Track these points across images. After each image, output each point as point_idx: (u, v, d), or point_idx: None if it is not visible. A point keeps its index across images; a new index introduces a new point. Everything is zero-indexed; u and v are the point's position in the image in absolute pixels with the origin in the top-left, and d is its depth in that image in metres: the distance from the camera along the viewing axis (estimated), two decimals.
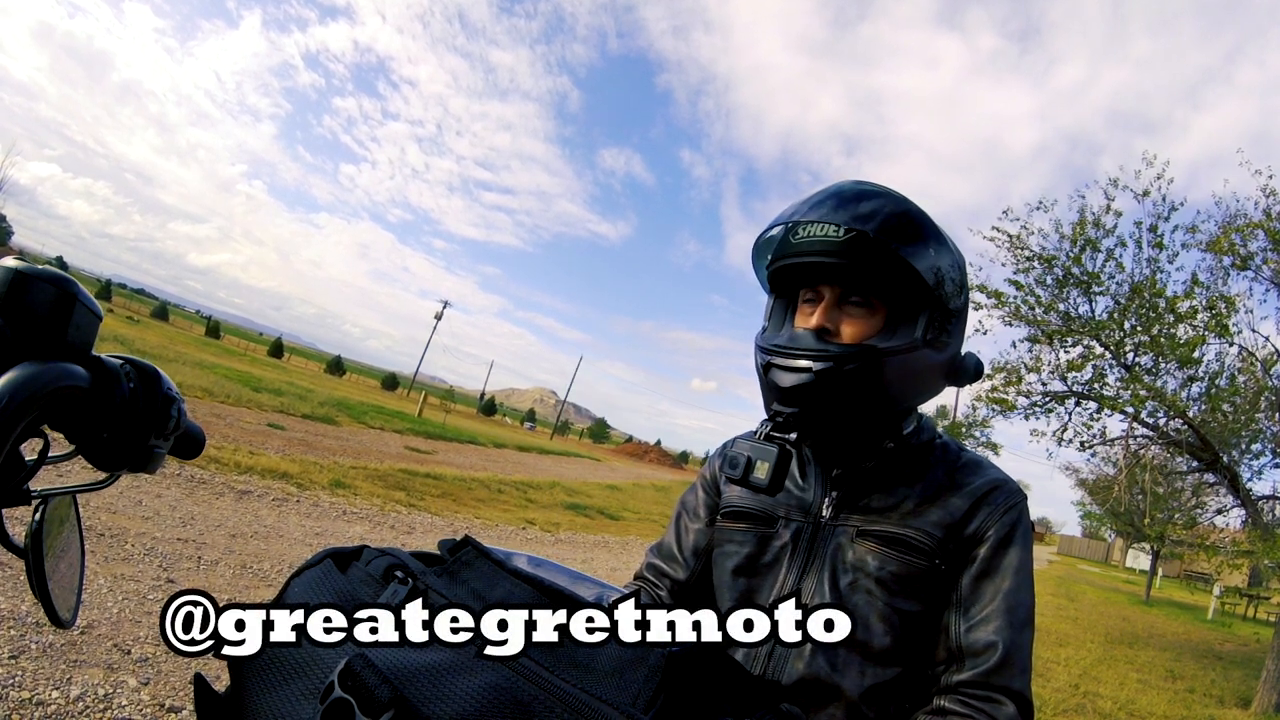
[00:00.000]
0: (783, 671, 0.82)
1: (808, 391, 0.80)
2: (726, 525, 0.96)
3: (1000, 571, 0.82)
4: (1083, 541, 59.05)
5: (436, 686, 0.40)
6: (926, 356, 0.83)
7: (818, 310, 0.85)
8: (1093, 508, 18.71)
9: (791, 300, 0.93)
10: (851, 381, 0.80)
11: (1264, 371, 7.78)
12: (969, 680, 0.78)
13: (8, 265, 0.42)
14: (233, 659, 0.48)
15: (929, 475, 0.88)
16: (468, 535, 0.56)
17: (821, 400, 0.80)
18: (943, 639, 0.81)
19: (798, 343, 0.83)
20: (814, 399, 0.80)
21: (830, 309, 0.84)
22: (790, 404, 0.81)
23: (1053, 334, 7.90)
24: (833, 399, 0.80)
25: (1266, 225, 7.11)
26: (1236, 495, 8.16)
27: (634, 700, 0.41)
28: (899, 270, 0.80)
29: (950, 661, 0.80)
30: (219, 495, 5.80)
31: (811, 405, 0.80)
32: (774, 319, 0.95)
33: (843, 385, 0.80)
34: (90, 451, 0.49)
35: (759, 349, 0.87)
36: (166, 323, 54.30)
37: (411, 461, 11.51)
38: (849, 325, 0.84)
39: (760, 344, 0.87)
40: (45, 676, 2.47)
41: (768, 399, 0.86)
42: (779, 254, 0.88)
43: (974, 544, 0.83)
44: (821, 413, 0.81)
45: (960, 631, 0.80)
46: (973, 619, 0.80)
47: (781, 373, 0.82)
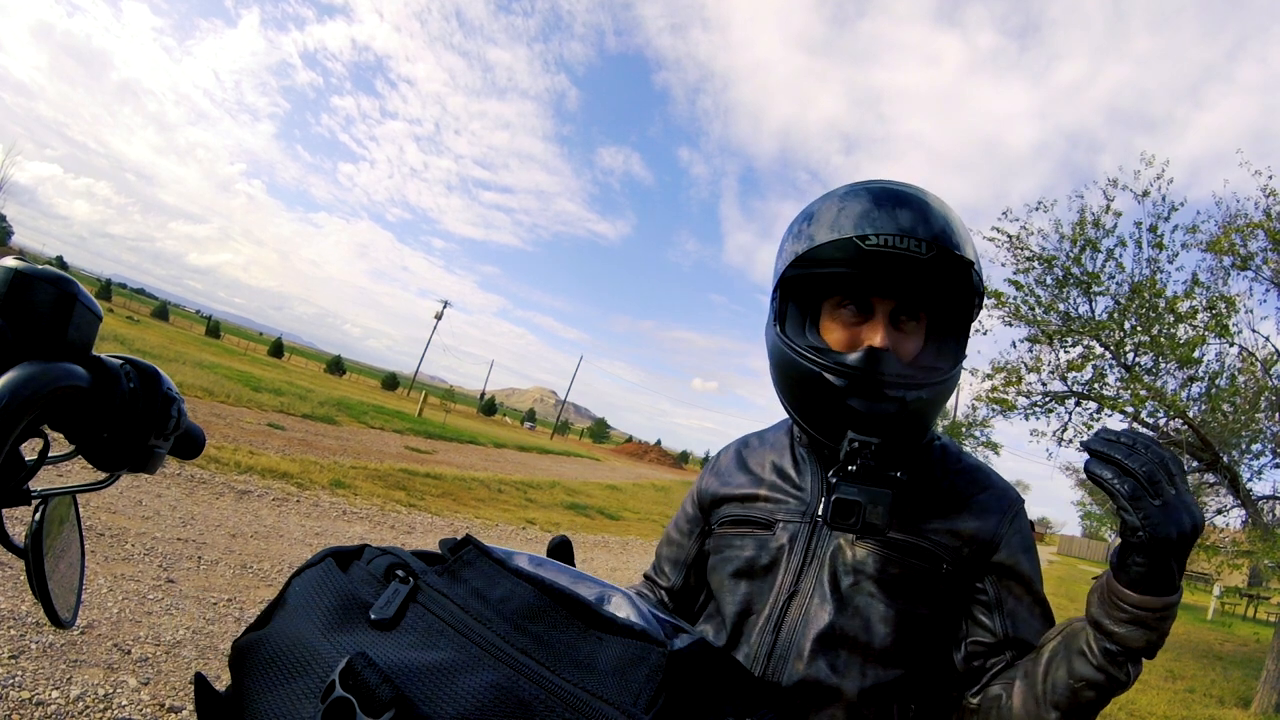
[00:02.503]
0: (783, 672, 0.81)
1: (895, 421, 0.77)
2: (725, 532, 0.96)
3: (1023, 575, 0.84)
4: (1083, 541, 59.04)
5: (438, 685, 0.40)
6: (960, 368, 0.84)
7: (878, 328, 0.80)
8: (1093, 508, 18.71)
9: (811, 303, 0.86)
10: (932, 407, 0.80)
11: (1264, 371, 7.78)
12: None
13: (8, 265, 0.42)
14: (230, 657, 0.48)
15: (930, 479, 0.88)
16: (469, 534, 0.56)
17: (906, 428, 0.80)
18: (980, 633, 0.83)
19: (885, 366, 0.78)
20: (900, 428, 0.78)
21: (888, 326, 0.80)
22: (874, 433, 0.76)
23: (1053, 334, 7.91)
24: (915, 426, 0.81)
25: (1266, 225, 7.11)
26: (1236, 495, 8.16)
27: (635, 700, 0.41)
28: (964, 288, 0.79)
29: (1003, 649, 0.81)
30: (219, 495, 5.80)
31: (896, 434, 0.78)
32: (792, 321, 0.86)
33: (925, 412, 0.80)
34: (90, 451, 0.49)
35: (823, 366, 0.79)
36: (166, 323, 54.30)
37: (411, 461, 11.51)
38: (904, 343, 0.81)
39: (820, 361, 0.80)
40: (45, 676, 2.47)
41: (832, 423, 0.81)
42: (842, 260, 0.78)
43: (990, 549, 0.84)
44: (899, 441, 0.80)
45: (1007, 626, 0.82)
46: (1017, 617, 0.82)
47: (863, 399, 0.77)
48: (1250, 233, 7.27)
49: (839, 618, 0.81)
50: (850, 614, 0.82)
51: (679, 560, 1.06)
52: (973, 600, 0.84)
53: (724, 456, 1.05)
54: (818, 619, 0.82)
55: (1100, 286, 7.59)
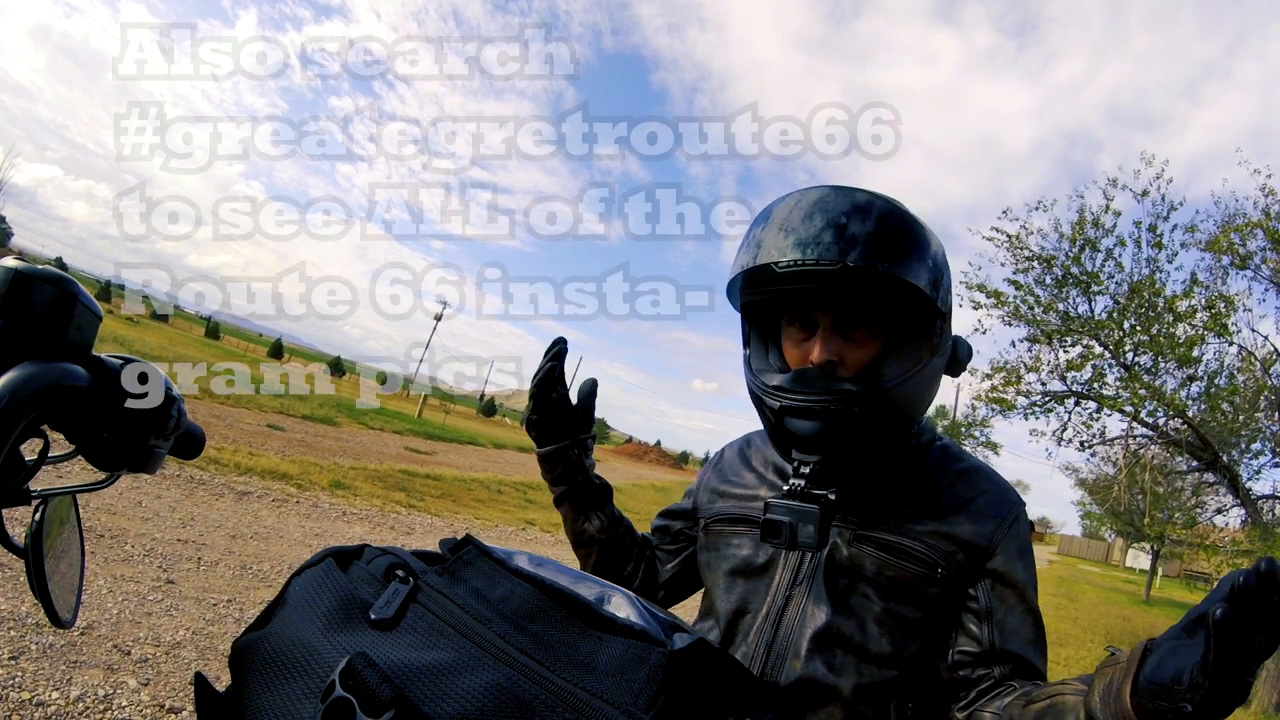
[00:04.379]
0: (781, 672, 0.82)
1: (828, 437, 0.77)
2: (722, 529, 0.96)
3: (1017, 584, 0.83)
4: (1083, 541, 59.03)
5: (438, 685, 0.40)
6: (933, 367, 0.82)
7: (816, 343, 0.79)
8: (1093, 508, 18.69)
9: (771, 322, 0.88)
10: (871, 418, 0.77)
11: (1263, 371, 7.78)
12: (1015, 672, 0.80)
13: (8, 265, 0.42)
14: (230, 658, 0.48)
15: (929, 481, 0.87)
16: (469, 534, 0.56)
17: (843, 443, 0.78)
18: (966, 642, 0.82)
19: (809, 385, 0.77)
20: (835, 443, 0.77)
21: (829, 338, 0.79)
22: (812, 451, 0.77)
23: (1052, 334, 7.91)
24: (854, 440, 0.78)
25: (1265, 224, 7.11)
26: (1236, 495, 8.17)
27: (635, 700, 0.41)
28: (900, 292, 0.76)
29: (990, 663, 0.80)
30: (219, 496, 5.80)
31: (833, 450, 0.78)
32: (755, 345, 0.88)
33: (862, 424, 0.77)
34: (90, 451, 0.49)
35: (763, 391, 0.81)
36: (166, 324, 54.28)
37: (411, 462, 11.51)
38: (852, 353, 0.79)
39: (762, 385, 0.81)
40: (45, 677, 2.47)
41: (781, 444, 0.83)
42: (760, 284, 0.80)
43: (985, 556, 0.82)
44: (844, 454, 0.79)
45: (994, 637, 0.81)
46: (1006, 628, 0.81)
47: (796, 420, 0.78)
48: (1249, 232, 7.28)
49: (835, 618, 0.81)
50: (846, 615, 0.82)
51: (663, 527, 1.09)
52: (964, 608, 0.83)
53: (728, 452, 1.06)
54: (815, 619, 0.82)
55: (1099, 286, 7.60)
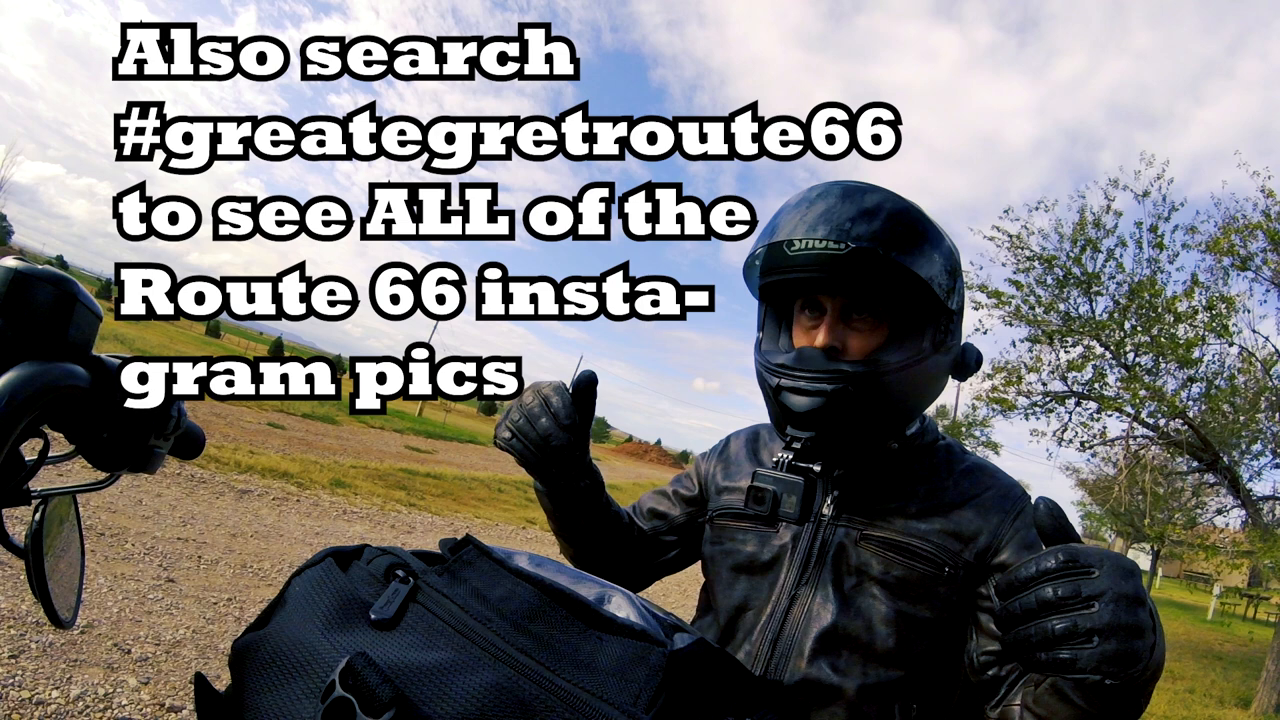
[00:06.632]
0: (784, 671, 0.81)
1: (822, 415, 0.78)
2: (727, 523, 0.95)
3: None
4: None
5: (438, 685, 0.40)
6: (935, 362, 0.82)
7: (822, 327, 0.82)
8: (1093, 508, 18.68)
9: (785, 309, 0.90)
10: (866, 400, 0.78)
11: (1264, 372, 7.78)
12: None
13: (8, 265, 0.42)
14: (230, 657, 0.47)
15: (933, 480, 0.87)
16: (469, 534, 0.56)
17: (837, 422, 0.79)
18: (988, 642, 0.79)
19: (808, 364, 0.80)
20: (829, 421, 0.78)
21: (834, 323, 0.81)
22: (805, 428, 0.79)
23: (1053, 334, 7.92)
24: (848, 420, 0.79)
25: (1266, 226, 7.11)
26: (1236, 495, 8.17)
27: (635, 700, 0.41)
28: (904, 281, 0.78)
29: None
30: (219, 495, 5.80)
31: (827, 428, 0.79)
32: (769, 330, 0.91)
33: (857, 405, 0.78)
34: (90, 451, 0.49)
35: (765, 368, 0.84)
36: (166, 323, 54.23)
37: (412, 461, 11.51)
38: (856, 339, 0.81)
39: (765, 363, 0.84)
40: (45, 676, 2.47)
41: (778, 420, 0.85)
42: (772, 267, 0.82)
43: (991, 552, 0.82)
44: (838, 434, 0.80)
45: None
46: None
47: (793, 396, 0.80)
48: (1250, 233, 7.27)
49: (841, 618, 0.81)
50: (852, 615, 0.81)
51: (663, 513, 1.05)
52: (978, 607, 0.82)
53: (734, 443, 1.05)
54: (820, 619, 0.82)
55: (1100, 286, 7.60)
